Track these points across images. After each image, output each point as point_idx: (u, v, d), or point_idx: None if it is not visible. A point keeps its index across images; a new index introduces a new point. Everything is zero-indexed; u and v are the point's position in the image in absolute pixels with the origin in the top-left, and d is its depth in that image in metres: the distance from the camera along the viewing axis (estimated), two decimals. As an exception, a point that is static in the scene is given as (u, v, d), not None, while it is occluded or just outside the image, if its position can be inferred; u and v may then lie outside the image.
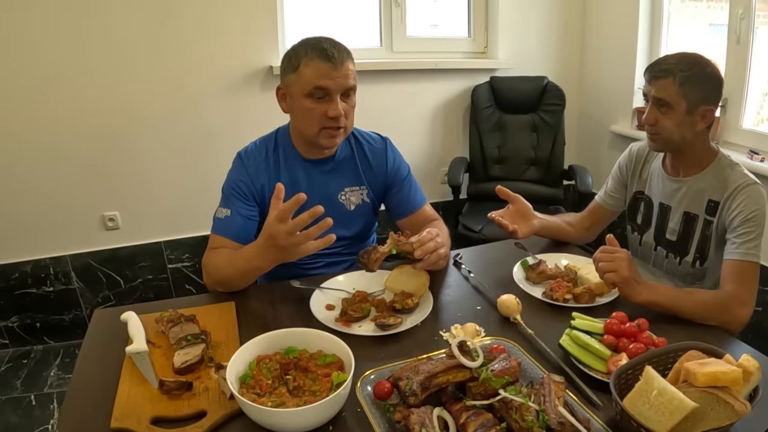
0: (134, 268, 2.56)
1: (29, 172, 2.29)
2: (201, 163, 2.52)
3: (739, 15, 2.21)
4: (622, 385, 0.88)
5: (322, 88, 1.27)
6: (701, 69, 1.29)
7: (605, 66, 2.99)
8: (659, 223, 1.48)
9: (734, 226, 1.27)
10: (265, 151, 1.42)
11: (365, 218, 1.51)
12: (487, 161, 2.87)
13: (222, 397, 0.92)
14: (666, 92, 1.30)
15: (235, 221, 1.34)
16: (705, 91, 1.29)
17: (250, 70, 2.50)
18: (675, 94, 1.29)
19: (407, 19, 2.83)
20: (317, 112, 1.29)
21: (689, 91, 1.28)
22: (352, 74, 1.31)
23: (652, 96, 1.33)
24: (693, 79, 1.27)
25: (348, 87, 1.30)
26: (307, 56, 1.28)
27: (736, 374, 0.80)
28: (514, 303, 1.16)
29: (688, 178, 1.39)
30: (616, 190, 1.58)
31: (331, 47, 1.28)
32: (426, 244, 1.22)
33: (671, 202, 1.44)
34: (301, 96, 1.30)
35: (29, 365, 2.34)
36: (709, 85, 1.30)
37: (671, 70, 1.29)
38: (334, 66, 1.26)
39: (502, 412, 0.81)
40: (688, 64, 1.29)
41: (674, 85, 1.28)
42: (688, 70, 1.28)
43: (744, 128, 2.32)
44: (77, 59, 2.23)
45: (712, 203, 1.34)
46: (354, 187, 1.47)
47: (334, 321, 1.15)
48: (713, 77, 1.31)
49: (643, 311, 1.13)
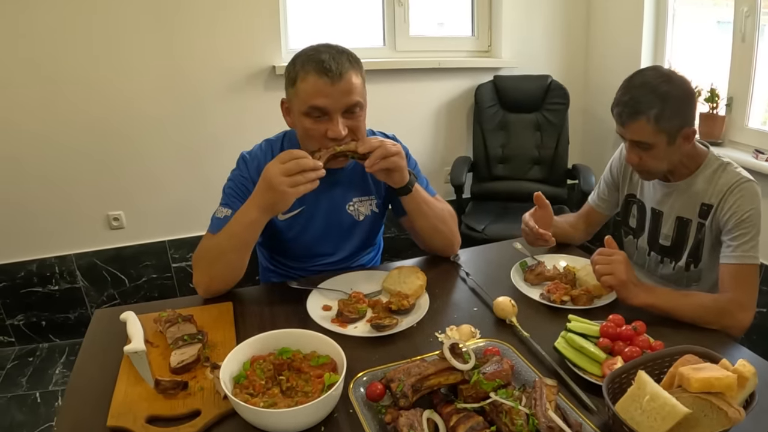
0: (139, 267, 2.59)
1: (35, 172, 2.31)
2: (205, 162, 2.54)
3: (744, 13, 2.18)
4: (616, 389, 0.87)
5: (319, 107, 1.16)
6: (670, 97, 1.19)
7: (609, 64, 2.96)
8: (652, 229, 1.45)
9: (729, 228, 1.24)
10: (270, 155, 1.34)
11: (373, 227, 1.48)
12: (490, 160, 2.86)
13: (216, 396, 0.93)
14: (641, 134, 1.22)
15: None
16: (681, 118, 1.21)
17: (253, 69, 2.51)
18: (652, 134, 1.21)
19: (410, 18, 2.83)
20: (317, 133, 1.19)
21: (666, 125, 1.20)
22: (357, 89, 1.18)
23: (628, 139, 1.26)
24: (666, 111, 1.18)
25: (350, 104, 1.17)
26: (303, 69, 1.17)
27: (730, 380, 0.79)
28: (509, 305, 1.15)
29: (679, 182, 1.34)
30: (607, 193, 1.55)
31: (330, 59, 1.15)
32: (371, 142, 1.19)
33: (663, 207, 1.40)
34: (299, 114, 1.20)
35: (35, 363, 2.37)
36: (683, 110, 1.21)
37: (641, 109, 1.19)
38: (331, 81, 1.14)
39: (492, 415, 0.81)
40: (658, 95, 1.18)
41: (649, 124, 1.20)
42: (659, 103, 1.18)
43: (750, 127, 2.29)
44: (82, 60, 2.24)
45: (705, 206, 1.30)
46: (363, 198, 1.41)
47: (330, 322, 1.15)
48: (684, 98, 1.22)
49: (640, 314, 1.12)
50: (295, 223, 1.37)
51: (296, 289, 1.27)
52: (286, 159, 1.10)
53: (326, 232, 1.41)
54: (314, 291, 1.26)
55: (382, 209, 1.48)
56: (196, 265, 1.26)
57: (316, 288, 1.27)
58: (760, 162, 2.13)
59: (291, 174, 1.08)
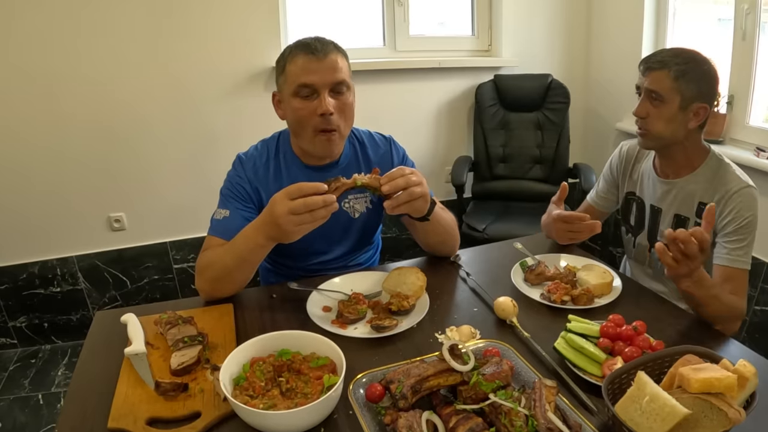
0: (140, 268, 2.59)
1: (36, 174, 2.32)
2: (206, 163, 2.54)
3: (744, 10, 2.18)
4: (616, 389, 0.87)
5: (307, 84, 1.21)
6: (697, 65, 1.26)
7: (610, 63, 2.96)
8: (651, 226, 1.45)
9: (727, 231, 1.25)
10: (266, 155, 1.38)
11: (369, 225, 1.48)
12: (491, 160, 2.85)
13: (217, 398, 0.93)
14: (660, 84, 1.27)
15: (235, 222, 1.29)
16: (700, 88, 1.26)
17: (253, 71, 2.51)
18: (669, 88, 1.26)
19: (410, 17, 2.83)
20: (306, 112, 1.23)
21: (684, 86, 1.25)
22: (342, 68, 1.24)
23: (645, 88, 1.30)
24: (689, 73, 1.25)
25: (336, 81, 1.23)
26: (291, 54, 1.24)
27: (730, 381, 0.78)
28: (510, 306, 1.15)
29: (678, 179, 1.36)
30: (607, 191, 1.56)
31: (315, 41, 1.23)
32: (395, 179, 1.13)
33: (662, 204, 1.41)
34: (289, 96, 1.25)
35: (37, 365, 2.37)
36: (704, 82, 1.27)
37: (667, 62, 1.26)
38: (316, 58, 1.20)
39: (492, 416, 0.81)
40: (685, 58, 1.26)
41: (669, 78, 1.25)
42: (684, 64, 1.25)
43: (751, 125, 2.28)
44: (82, 63, 2.25)
45: (702, 205, 1.31)
46: (358, 195, 1.42)
47: (330, 323, 1.15)
48: (709, 74, 1.28)
49: (640, 314, 1.12)
50: None
51: (296, 291, 1.27)
52: (295, 195, 1.05)
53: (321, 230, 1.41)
54: (314, 292, 1.26)
55: (378, 206, 1.47)
56: (199, 273, 1.26)
57: (315, 289, 1.27)
58: (761, 160, 2.12)
59: (298, 213, 1.05)
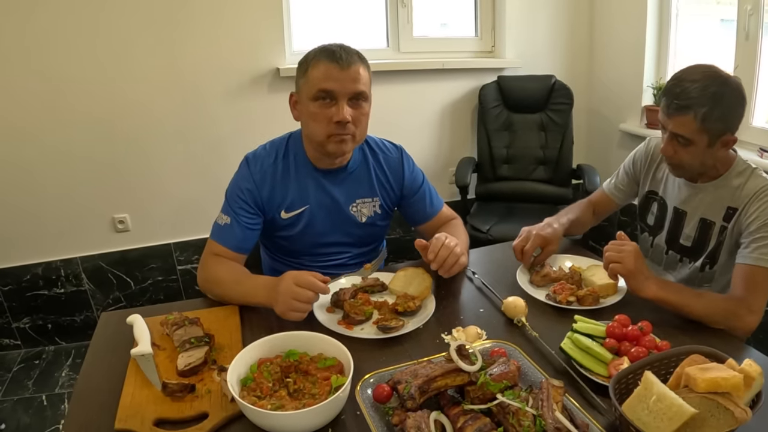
0: (144, 269, 2.60)
1: (40, 175, 2.33)
2: (209, 165, 2.54)
3: (747, 11, 2.18)
4: (623, 389, 0.87)
5: (327, 90, 1.23)
6: (723, 99, 1.18)
7: (613, 64, 2.96)
8: (673, 228, 1.44)
9: (751, 230, 1.23)
10: (274, 157, 1.37)
11: (375, 229, 1.48)
12: (495, 161, 2.85)
13: (224, 399, 0.93)
14: (685, 129, 1.21)
15: (234, 231, 1.31)
16: (726, 124, 1.20)
17: (257, 72, 2.52)
18: (695, 131, 1.20)
19: (414, 19, 2.83)
20: (323, 117, 1.24)
21: (710, 126, 1.19)
22: (363, 79, 1.26)
23: (670, 131, 1.25)
24: (715, 112, 1.17)
25: (356, 91, 1.24)
26: (315, 59, 1.25)
27: (737, 380, 0.79)
28: (522, 305, 1.16)
29: (705, 184, 1.34)
30: (626, 184, 1.55)
31: (341, 50, 1.24)
32: (440, 255, 1.23)
33: (687, 207, 1.39)
34: (308, 100, 1.26)
35: (41, 366, 2.38)
36: (730, 116, 1.20)
37: (691, 105, 1.18)
38: (340, 67, 1.22)
39: (500, 416, 0.81)
40: (710, 96, 1.17)
41: (694, 122, 1.19)
42: (710, 104, 1.17)
43: (754, 125, 2.28)
44: (87, 64, 2.26)
45: (730, 210, 1.30)
46: (366, 199, 1.43)
47: (336, 324, 1.15)
48: (735, 105, 1.20)
49: (647, 314, 1.12)
50: (297, 221, 1.39)
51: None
52: (303, 285, 1.12)
53: (328, 232, 1.42)
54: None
55: (387, 211, 1.49)
56: (202, 272, 1.31)
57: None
58: (764, 160, 2.13)
59: (296, 299, 1.11)
